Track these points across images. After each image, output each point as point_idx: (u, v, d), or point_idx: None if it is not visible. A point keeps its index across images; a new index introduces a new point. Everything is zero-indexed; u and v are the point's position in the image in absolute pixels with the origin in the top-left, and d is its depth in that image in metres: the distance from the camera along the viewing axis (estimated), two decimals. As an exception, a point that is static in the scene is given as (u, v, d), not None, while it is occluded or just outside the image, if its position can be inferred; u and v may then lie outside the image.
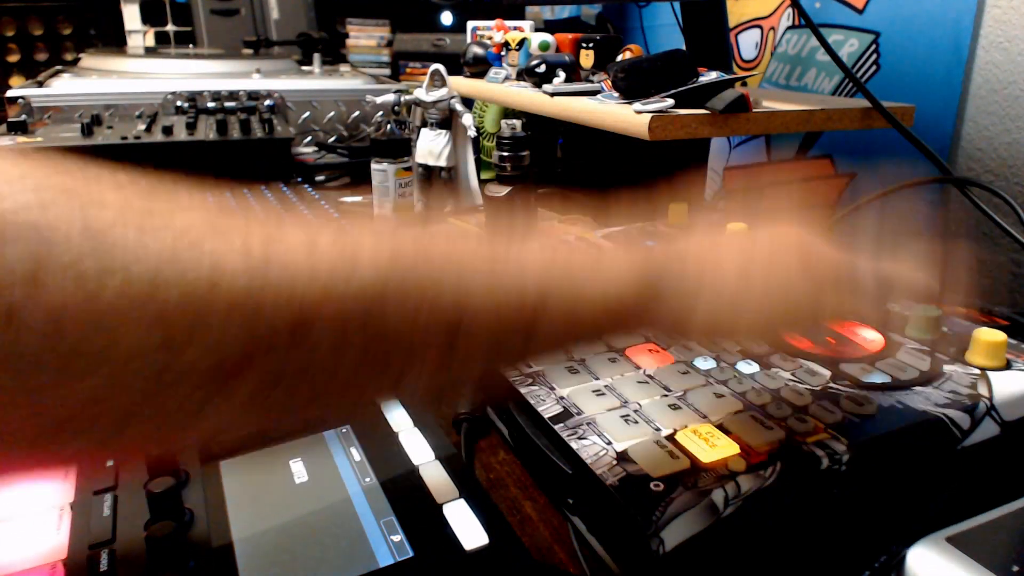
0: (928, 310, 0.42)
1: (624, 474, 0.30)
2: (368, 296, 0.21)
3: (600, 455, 0.32)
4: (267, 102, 1.14)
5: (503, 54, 0.87)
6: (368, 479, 0.31)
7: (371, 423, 0.35)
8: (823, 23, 0.93)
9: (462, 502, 0.29)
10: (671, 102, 0.61)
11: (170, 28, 2.46)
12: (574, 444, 0.33)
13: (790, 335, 0.41)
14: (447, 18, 1.60)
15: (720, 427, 0.33)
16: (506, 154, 0.64)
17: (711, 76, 0.64)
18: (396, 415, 0.36)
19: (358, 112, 1.25)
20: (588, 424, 0.34)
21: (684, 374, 0.38)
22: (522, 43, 0.83)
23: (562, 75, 0.75)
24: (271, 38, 2.09)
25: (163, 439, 0.22)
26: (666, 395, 0.37)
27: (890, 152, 0.87)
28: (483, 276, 0.23)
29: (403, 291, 0.21)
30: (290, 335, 0.19)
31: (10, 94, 1.08)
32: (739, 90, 0.62)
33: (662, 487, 0.29)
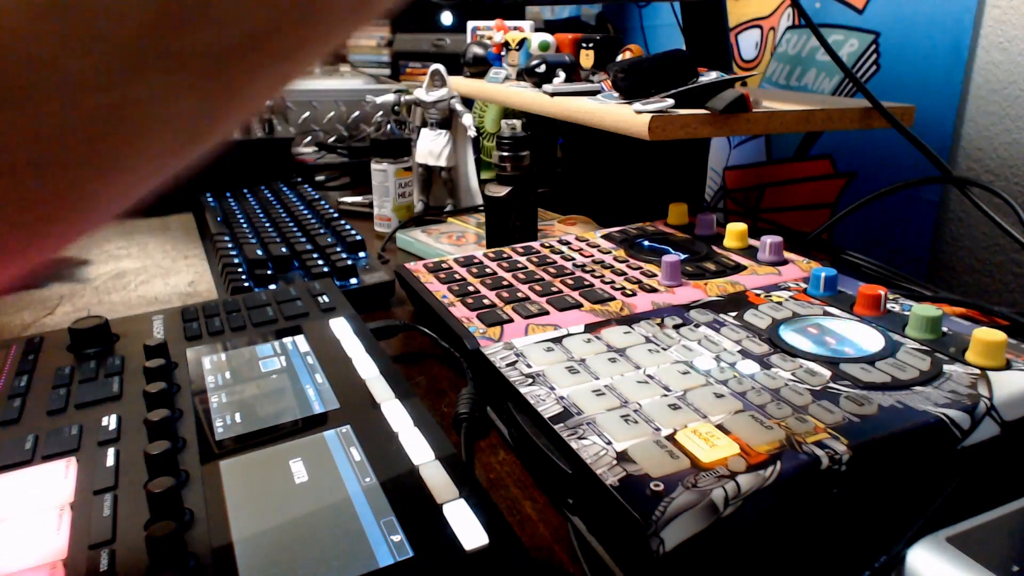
0: (928, 310, 0.42)
1: (624, 474, 0.30)
2: None
3: (600, 455, 0.32)
4: (267, 102, 1.14)
5: (503, 54, 0.87)
6: (368, 479, 0.31)
7: (371, 423, 0.35)
8: (823, 23, 0.93)
9: (462, 502, 0.29)
10: (671, 102, 0.61)
11: (170, 28, 2.45)
12: (574, 444, 0.33)
13: None
14: (447, 18, 1.60)
15: (720, 427, 0.33)
16: (506, 154, 0.64)
17: (711, 76, 0.64)
18: (396, 415, 0.36)
19: (358, 112, 1.25)
20: (588, 424, 0.34)
21: (684, 374, 0.38)
22: (522, 43, 0.83)
23: (562, 75, 0.75)
24: None
25: None
26: (666, 395, 0.37)
27: (890, 152, 0.87)
28: None
29: None
30: None
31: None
32: (739, 90, 0.62)
33: (662, 487, 0.29)
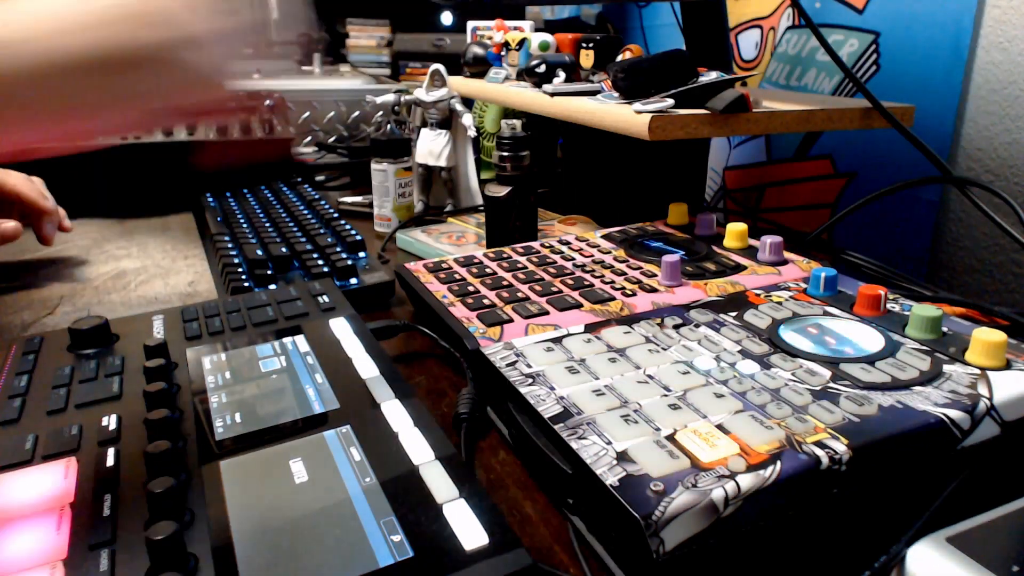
0: (928, 310, 0.42)
1: (624, 474, 0.30)
2: None
3: (600, 455, 0.32)
4: (267, 102, 1.14)
5: (503, 54, 0.87)
6: (368, 479, 0.31)
7: (371, 423, 0.35)
8: (823, 23, 0.93)
9: (462, 502, 0.29)
10: (671, 102, 0.61)
11: (170, 28, 2.45)
12: (574, 444, 0.33)
13: None
14: (447, 18, 1.60)
15: (720, 427, 0.33)
16: (506, 154, 0.64)
17: (711, 76, 0.64)
18: (396, 415, 0.36)
19: (358, 112, 1.25)
20: (588, 424, 0.34)
21: (684, 374, 0.38)
22: (522, 43, 0.83)
23: (562, 75, 0.75)
24: (271, 38, 2.09)
25: None
26: (666, 395, 0.37)
27: (890, 152, 0.87)
28: None
29: None
30: None
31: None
32: (739, 90, 0.62)
33: (662, 487, 0.29)
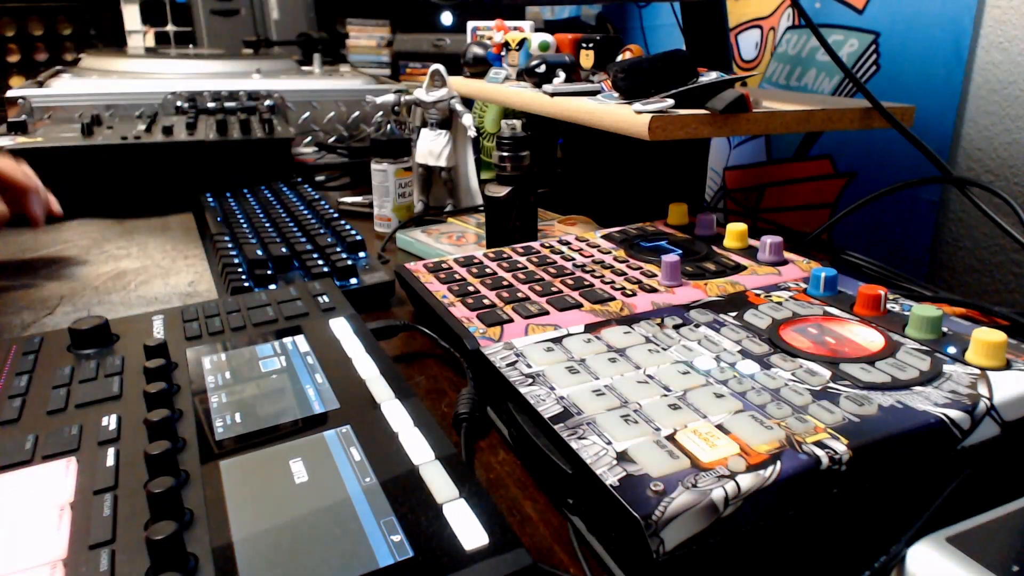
0: (928, 310, 0.42)
1: (624, 474, 0.30)
2: None
3: (600, 455, 0.32)
4: (267, 102, 1.14)
5: (503, 54, 0.87)
6: (368, 479, 0.31)
7: (371, 423, 0.35)
8: (823, 23, 0.93)
9: (462, 502, 0.29)
10: (671, 102, 0.61)
11: (170, 28, 2.46)
12: (574, 444, 0.33)
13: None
14: (447, 18, 1.60)
15: (720, 427, 0.33)
16: (506, 154, 0.64)
17: (711, 76, 0.64)
18: (396, 415, 0.36)
19: (358, 112, 1.25)
20: (588, 424, 0.34)
21: (684, 374, 0.38)
22: (522, 43, 0.83)
23: (562, 75, 0.75)
24: (271, 38, 2.09)
25: None
26: (666, 395, 0.37)
27: (890, 152, 0.87)
28: None
29: None
30: None
31: (10, 94, 1.08)
32: (739, 90, 0.62)
33: (662, 487, 0.29)
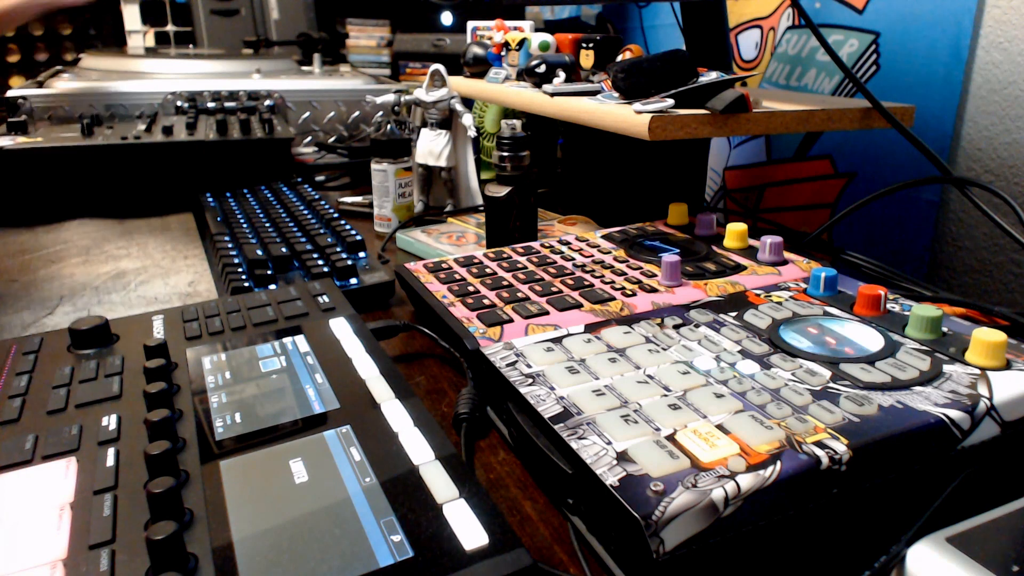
0: (928, 310, 0.42)
1: (624, 474, 0.30)
2: None
3: (600, 455, 0.32)
4: (267, 102, 1.14)
5: (503, 54, 0.87)
6: (368, 479, 0.31)
7: (371, 423, 0.35)
8: (823, 23, 0.93)
9: (462, 502, 0.29)
10: (671, 102, 0.61)
11: (170, 28, 2.46)
12: (574, 444, 0.33)
13: None
14: (447, 18, 1.60)
15: (720, 427, 0.33)
16: (506, 154, 0.64)
17: (711, 76, 0.64)
18: (396, 415, 0.36)
19: (358, 112, 1.25)
20: (588, 424, 0.34)
21: (684, 374, 0.38)
22: (522, 43, 0.83)
23: (562, 75, 0.75)
24: (271, 38, 2.10)
25: None
26: (666, 395, 0.37)
27: (890, 152, 0.87)
28: None
29: None
30: None
31: (10, 94, 1.08)
32: (739, 90, 0.62)
33: (662, 487, 0.29)
